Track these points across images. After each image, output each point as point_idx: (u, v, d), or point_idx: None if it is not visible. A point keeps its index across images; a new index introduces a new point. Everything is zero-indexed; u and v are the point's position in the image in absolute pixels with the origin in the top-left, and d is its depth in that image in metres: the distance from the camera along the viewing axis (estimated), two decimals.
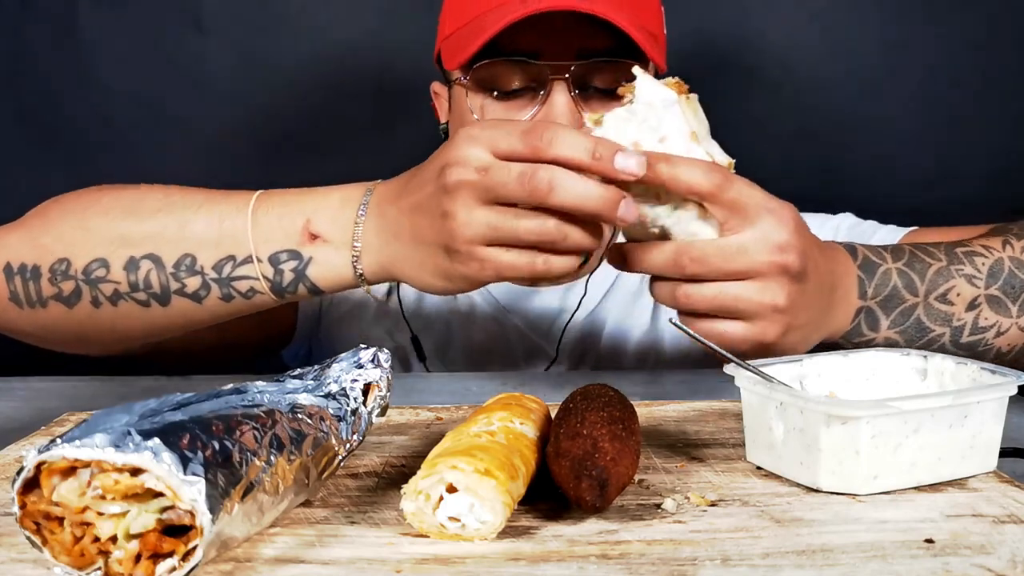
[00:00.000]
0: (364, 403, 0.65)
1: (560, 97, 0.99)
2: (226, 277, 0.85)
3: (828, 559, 0.52)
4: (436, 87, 1.14)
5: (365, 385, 0.65)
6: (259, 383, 0.61)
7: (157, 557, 0.48)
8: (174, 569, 0.48)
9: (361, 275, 0.82)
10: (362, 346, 0.68)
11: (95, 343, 0.95)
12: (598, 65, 0.99)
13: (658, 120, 0.72)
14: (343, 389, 0.64)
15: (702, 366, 1.18)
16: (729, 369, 0.68)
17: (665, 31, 1.10)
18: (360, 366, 0.66)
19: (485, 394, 0.80)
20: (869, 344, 0.85)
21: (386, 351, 0.68)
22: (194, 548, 0.48)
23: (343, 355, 0.67)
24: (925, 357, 0.73)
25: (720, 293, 0.73)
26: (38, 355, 1.32)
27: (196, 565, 0.48)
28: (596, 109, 0.98)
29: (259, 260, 0.84)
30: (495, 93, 1.02)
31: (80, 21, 1.46)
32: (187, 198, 0.88)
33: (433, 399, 0.89)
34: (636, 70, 0.74)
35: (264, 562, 0.52)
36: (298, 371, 0.66)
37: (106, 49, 1.47)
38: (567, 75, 0.98)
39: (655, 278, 0.76)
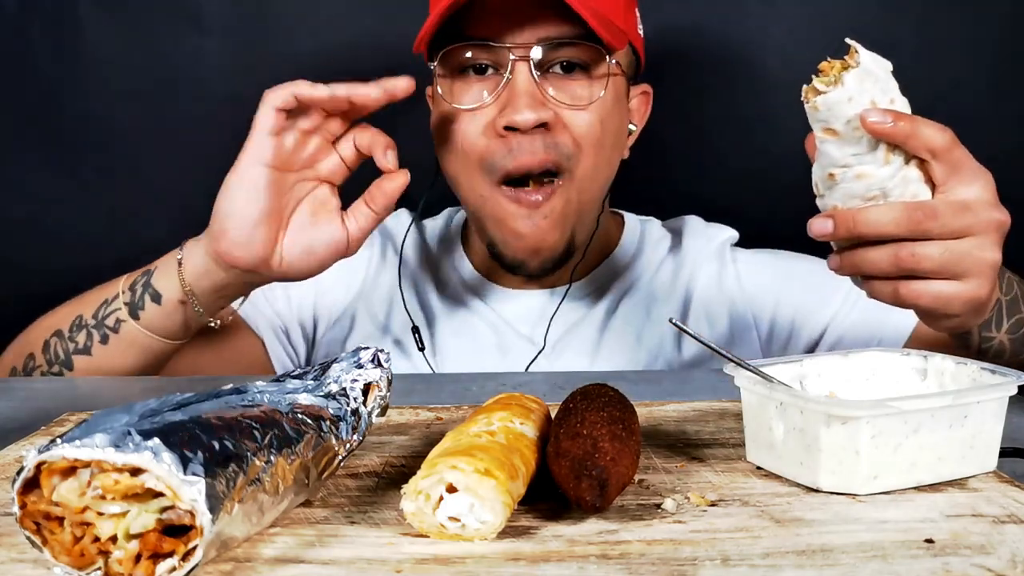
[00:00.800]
0: (364, 403, 0.65)
1: (521, 76, 1.04)
2: (101, 318, 1.02)
3: (828, 559, 0.52)
4: (430, 90, 1.17)
5: (365, 385, 0.65)
6: (259, 383, 0.61)
7: (157, 557, 0.48)
8: (174, 569, 0.48)
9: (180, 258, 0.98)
10: (362, 346, 0.68)
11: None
12: (558, 47, 1.05)
13: (887, 83, 0.75)
14: (343, 389, 0.64)
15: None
16: (729, 369, 0.68)
17: (638, 20, 1.14)
18: (360, 366, 0.66)
19: (485, 394, 0.80)
20: (989, 342, 0.88)
21: (386, 351, 0.68)
22: (194, 548, 0.48)
23: (343, 355, 0.67)
24: (925, 357, 0.73)
25: (947, 250, 0.74)
26: None
27: (196, 565, 0.48)
28: (559, 88, 1.06)
29: (123, 291, 1.01)
30: (464, 76, 1.08)
31: (80, 21, 1.46)
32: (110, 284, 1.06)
33: (433, 399, 0.89)
34: (849, 40, 0.75)
35: (264, 562, 0.52)
36: (298, 371, 0.66)
37: (106, 49, 1.47)
38: (527, 55, 1.03)
39: (856, 247, 0.76)
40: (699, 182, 1.49)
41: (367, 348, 0.68)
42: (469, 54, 1.06)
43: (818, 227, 0.77)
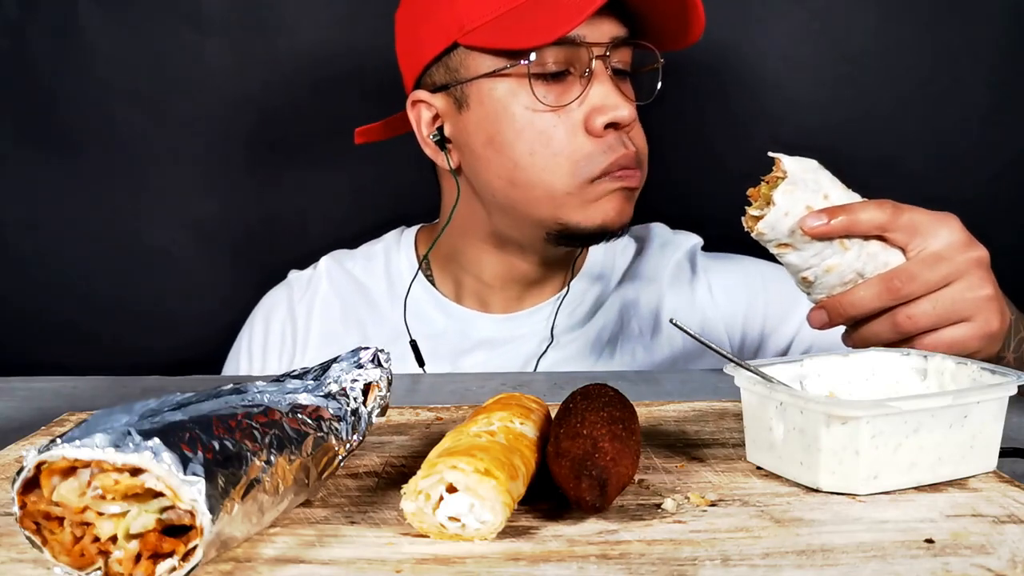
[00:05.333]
0: (364, 403, 0.65)
1: (603, 75, 1.05)
2: None
3: (828, 559, 0.52)
4: (421, 95, 1.12)
5: (365, 385, 0.65)
6: (259, 383, 0.61)
7: (157, 557, 0.48)
8: (174, 569, 0.48)
9: None
10: (362, 346, 0.68)
11: None
12: (623, 48, 1.07)
13: (815, 183, 0.80)
14: (343, 389, 0.64)
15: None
16: (729, 369, 0.68)
17: None
18: (360, 366, 0.66)
19: (485, 394, 0.80)
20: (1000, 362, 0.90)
21: (386, 351, 0.68)
22: (194, 548, 0.48)
23: (343, 355, 0.67)
24: (925, 357, 0.73)
25: (937, 303, 0.78)
26: (38, 355, 1.32)
27: (196, 565, 0.48)
28: (626, 87, 1.08)
29: None
30: (543, 77, 1.05)
31: (80, 21, 1.46)
32: None
33: (433, 399, 0.89)
34: (771, 154, 0.80)
35: (264, 562, 0.52)
36: (298, 371, 0.66)
37: (106, 49, 1.47)
38: (606, 54, 1.05)
39: (858, 324, 0.81)
40: (697, 185, 1.49)
41: (367, 348, 0.68)
42: (560, 55, 1.04)
43: (816, 320, 0.83)
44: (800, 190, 0.78)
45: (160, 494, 0.48)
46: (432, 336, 1.18)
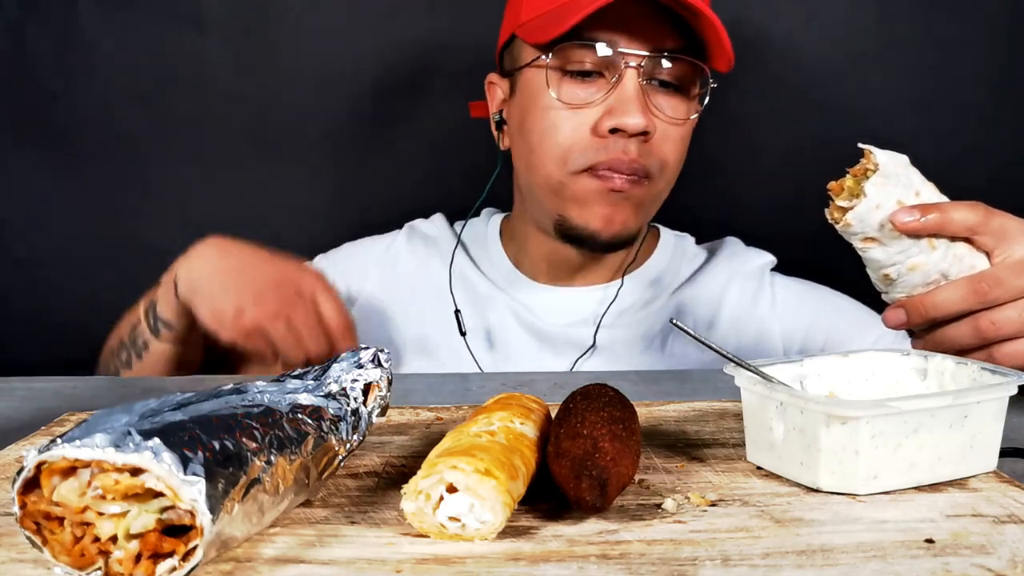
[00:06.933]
0: (364, 403, 0.65)
1: (630, 83, 1.07)
2: (131, 341, 1.13)
3: (828, 559, 0.52)
4: (492, 77, 1.22)
5: (365, 385, 0.65)
6: (259, 383, 0.61)
7: (157, 557, 0.48)
8: (174, 569, 0.48)
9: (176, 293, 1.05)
10: (362, 346, 0.68)
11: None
12: (663, 61, 1.08)
13: (907, 178, 0.77)
14: (343, 389, 0.64)
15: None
16: (729, 369, 0.68)
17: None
18: (360, 366, 0.66)
19: (485, 394, 0.80)
20: None
21: (386, 351, 0.68)
22: (194, 548, 0.48)
23: (343, 355, 0.67)
24: (925, 357, 0.73)
25: (1023, 310, 0.77)
26: (38, 355, 1.32)
27: (196, 565, 0.48)
28: (660, 101, 1.09)
29: (142, 318, 1.12)
30: (571, 74, 1.09)
31: (80, 21, 1.46)
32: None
33: (433, 399, 0.89)
34: (861, 145, 0.78)
35: (264, 562, 0.52)
36: (298, 371, 0.66)
37: (106, 49, 1.47)
38: (640, 64, 1.06)
39: (933, 327, 0.80)
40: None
41: (367, 348, 0.68)
42: (585, 55, 1.08)
43: (892, 319, 0.81)
44: (892, 184, 0.76)
45: (160, 494, 0.48)
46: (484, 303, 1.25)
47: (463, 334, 1.21)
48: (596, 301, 1.22)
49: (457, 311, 1.22)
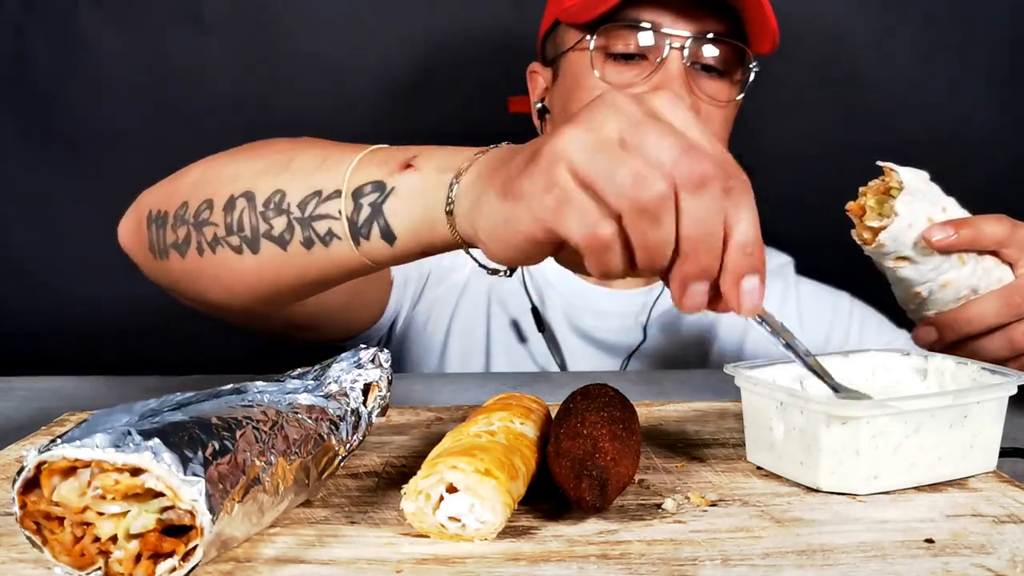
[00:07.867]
0: (364, 403, 0.65)
1: (674, 66, 1.06)
2: (308, 216, 0.72)
3: (828, 559, 0.52)
4: (535, 67, 1.21)
5: (365, 385, 0.65)
6: (259, 383, 0.61)
7: (157, 557, 0.48)
8: (174, 569, 0.48)
9: (451, 208, 0.63)
10: (362, 346, 0.68)
11: (211, 299, 0.84)
12: (707, 44, 1.07)
13: (932, 194, 0.78)
14: (343, 389, 0.64)
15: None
16: (729, 369, 0.68)
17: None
18: (360, 366, 0.66)
19: (485, 394, 0.80)
20: None
21: (386, 351, 0.68)
22: (194, 548, 0.48)
23: (343, 355, 0.67)
24: (925, 357, 0.73)
25: None
26: (38, 355, 1.32)
27: (196, 565, 0.48)
28: (703, 84, 1.08)
29: (344, 194, 0.70)
30: (614, 56, 1.08)
31: (80, 21, 1.46)
32: (317, 142, 0.80)
33: (433, 399, 0.89)
34: (881, 163, 0.78)
35: (264, 562, 0.52)
36: (298, 371, 0.66)
37: (106, 49, 1.47)
38: (683, 46, 1.05)
39: (962, 342, 0.80)
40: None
41: (367, 348, 0.68)
42: (630, 37, 1.07)
43: (923, 338, 0.82)
44: (919, 201, 0.76)
45: (160, 494, 0.48)
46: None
47: (541, 331, 1.19)
48: (641, 301, 1.21)
49: (534, 308, 1.19)
